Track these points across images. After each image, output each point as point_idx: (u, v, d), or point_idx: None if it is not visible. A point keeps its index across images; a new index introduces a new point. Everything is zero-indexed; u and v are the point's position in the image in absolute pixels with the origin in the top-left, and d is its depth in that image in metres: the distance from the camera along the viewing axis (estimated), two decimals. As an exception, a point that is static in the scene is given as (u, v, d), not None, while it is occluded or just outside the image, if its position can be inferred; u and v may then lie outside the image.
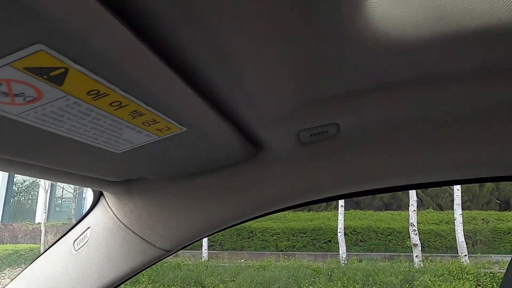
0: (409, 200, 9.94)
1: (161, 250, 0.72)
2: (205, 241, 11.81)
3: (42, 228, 12.21)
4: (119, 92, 0.31)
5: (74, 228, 0.79)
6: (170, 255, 0.75)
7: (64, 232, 0.82)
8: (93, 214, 0.77)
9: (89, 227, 0.77)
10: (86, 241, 0.76)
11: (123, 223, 0.72)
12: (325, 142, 0.58)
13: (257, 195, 0.67)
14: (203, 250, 11.75)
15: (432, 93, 0.51)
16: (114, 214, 0.73)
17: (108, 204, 0.75)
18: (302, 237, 12.38)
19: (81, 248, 0.76)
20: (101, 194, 0.77)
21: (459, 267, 8.34)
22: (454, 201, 9.95)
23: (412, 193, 9.77)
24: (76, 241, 0.78)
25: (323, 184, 0.62)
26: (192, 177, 0.67)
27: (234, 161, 0.62)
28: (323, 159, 0.61)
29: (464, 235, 9.67)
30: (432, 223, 12.27)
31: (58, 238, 0.81)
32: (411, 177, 0.61)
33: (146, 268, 0.75)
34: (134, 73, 0.29)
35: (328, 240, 12.16)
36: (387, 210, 14.62)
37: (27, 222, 14.13)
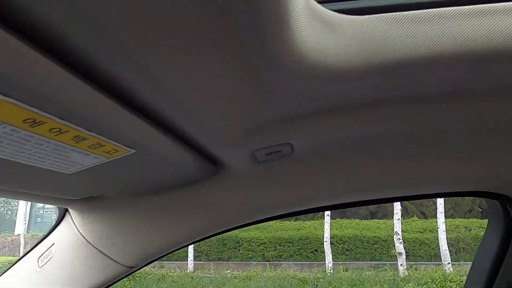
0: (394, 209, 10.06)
1: (124, 266, 0.72)
2: (190, 251, 11.65)
3: (22, 240, 11.83)
4: (57, 120, 0.32)
5: (39, 245, 0.79)
6: (134, 272, 0.76)
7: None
8: (58, 230, 0.77)
9: (53, 244, 0.76)
10: (50, 258, 0.76)
11: (86, 239, 0.72)
12: (281, 160, 0.60)
13: (217, 212, 0.68)
14: (188, 261, 11.58)
15: (379, 114, 0.53)
16: (78, 230, 0.73)
17: (73, 221, 0.75)
18: (289, 246, 12.34)
19: (45, 265, 0.75)
20: (67, 210, 0.76)
21: (442, 275, 8.45)
22: (437, 209, 10.11)
23: (397, 202, 9.89)
24: (41, 257, 0.77)
25: (280, 200, 0.64)
26: (154, 194, 0.68)
27: (194, 179, 0.63)
28: (279, 177, 0.63)
29: (448, 243, 9.81)
30: (417, 232, 12.42)
31: (23, 254, 0.80)
32: (364, 193, 0.64)
33: (110, 285, 0.75)
34: (68, 103, 0.30)
35: (314, 250, 12.15)
36: (373, 219, 14.73)
37: (6, 233, 13.68)
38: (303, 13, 0.34)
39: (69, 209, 0.75)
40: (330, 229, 11.31)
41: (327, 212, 11.11)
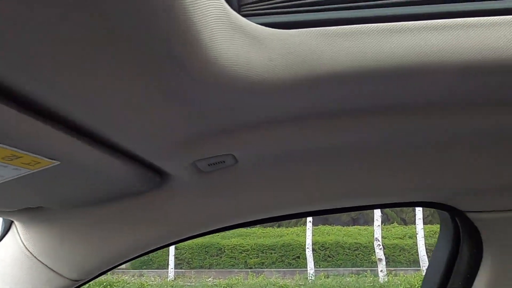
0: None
1: (69, 280, 0.70)
2: (171, 259, 11.46)
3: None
4: None
5: None
6: (80, 285, 0.73)
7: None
8: (3, 242, 0.74)
9: None
10: None
11: (30, 252, 0.70)
12: (225, 171, 0.60)
13: (165, 223, 0.67)
14: (169, 269, 11.38)
15: (321, 126, 0.54)
16: (23, 243, 0.71)
17: (18, 232, 0.72)
18: (271, 253, 12.32)
19: None
20: (12, 222, 0.74)
21: (420, 280, 8.59)
22: (416, 215, 10.32)
23: (371, 210, 10.03)
24: None
25: (227, 211, 0.64)
26: (99, 206, 0.66)
27: (139, 190, 0.62)
28: (224, 188, 0.63)
29: (426, 249, 10.01)
30: (397, 238, 12.62)
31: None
32: (312, 203, 0.64)
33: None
34: None
35: (297, 256, 12.17)
36: (354, 225, 14.90)
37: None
38: (219, 27, 0.35)
39: (15, 221, 0.73)
40: (313, 235, 11.37)
41: (309, 219, 11.16)
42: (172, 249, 11.53)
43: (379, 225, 9.83)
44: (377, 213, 9.98)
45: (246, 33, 0.38)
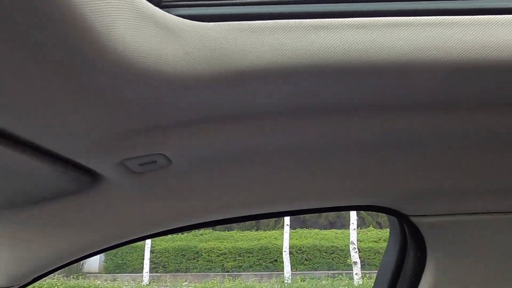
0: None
1: None
2: (146, 263, 11.22)
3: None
4: None
5: None
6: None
7: None
8: None
9: None
10: None
11: None
12: (159, 172, 0.58)
13: (99, 226, 0.64)
14: (144, 273, 11.13)
15: (257, 125, 0.52)
16: None
17: None
18: (249, 257, 12.27)
19: None
20: None
21: (393, 283, 8.77)
22: (391, 219, 10.52)
23: (353, 212, 10.19)
24: None
25: (162, 215, 0.61)
26: (28, 207, 0.63)
27: (70, 191, 0.59)
28: (159, 190, 0.60)
29: (399, 252, 10.21)
30: (372, 241, 12.85)
31: None
32: (253, 207, 0.63)
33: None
34: None
35: (274, 260, 12.17)
36: (332, 229, 15.06)
37: None
38: (123, 16, 0.33)
39: None
40: (290, 238, 11.40)
41: (287, 222, 11.20)
42: (147, 252, 11.30)
43: (354, 229, 9.97)
44: (353, 216, 10.12)
45: (158, 23, 0.36)
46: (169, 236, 14.25)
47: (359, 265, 9.79)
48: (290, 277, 10.42)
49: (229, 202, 0.61)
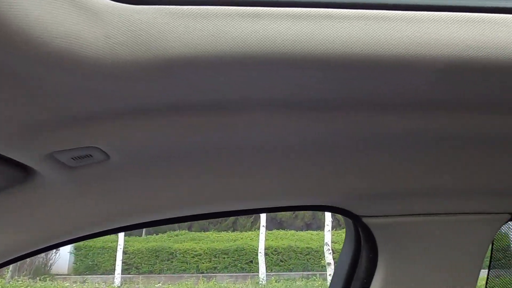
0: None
1: None
2: (118, 264, 10.91)
3: None
4: None
5: None
6: None
7: None
8: None
9: None
10: None
11: None
12: (96, 167, 0.55)
13: (35, 224, 0.60)
14: (115, 274, 10.83)
15: (198, 119, 0.50)
16: None
17: None
18: (224, 258, 12.19)
19: None
20: None
21: (365, 284, 8.95)
22: (364, 221, 10.73)
23: (328, 214, 10.32)
24: None
25: (100, 214, 0.58)
26: None
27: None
28: (96, 186, 0.57)
29: (372, 254, 10.43)
30: (346, 243, 13.05)
31: None
32: (194, 207, 0.60)
33: None
34: None
35: (250, 261, 12.14)
36: (308, 230, 15.20)
37: None
38: None
39: None
40: (266, 240, 11.41)
41: (263, 223, 11.21)
42: (119, 253, 11.01)
43: (329, 230, 10.10)
44: (328, 218, 10.25)
45: (76, 3, 0.34)
46: (143, 236, 13.92)
47: (332, 266, 9.91)
48: (265, 278, 10.42)
49: (171, 200, 0.59)
